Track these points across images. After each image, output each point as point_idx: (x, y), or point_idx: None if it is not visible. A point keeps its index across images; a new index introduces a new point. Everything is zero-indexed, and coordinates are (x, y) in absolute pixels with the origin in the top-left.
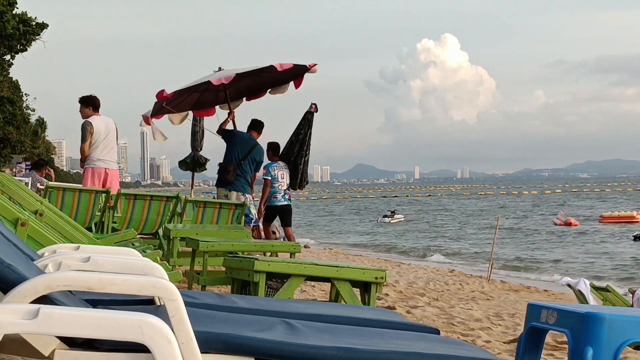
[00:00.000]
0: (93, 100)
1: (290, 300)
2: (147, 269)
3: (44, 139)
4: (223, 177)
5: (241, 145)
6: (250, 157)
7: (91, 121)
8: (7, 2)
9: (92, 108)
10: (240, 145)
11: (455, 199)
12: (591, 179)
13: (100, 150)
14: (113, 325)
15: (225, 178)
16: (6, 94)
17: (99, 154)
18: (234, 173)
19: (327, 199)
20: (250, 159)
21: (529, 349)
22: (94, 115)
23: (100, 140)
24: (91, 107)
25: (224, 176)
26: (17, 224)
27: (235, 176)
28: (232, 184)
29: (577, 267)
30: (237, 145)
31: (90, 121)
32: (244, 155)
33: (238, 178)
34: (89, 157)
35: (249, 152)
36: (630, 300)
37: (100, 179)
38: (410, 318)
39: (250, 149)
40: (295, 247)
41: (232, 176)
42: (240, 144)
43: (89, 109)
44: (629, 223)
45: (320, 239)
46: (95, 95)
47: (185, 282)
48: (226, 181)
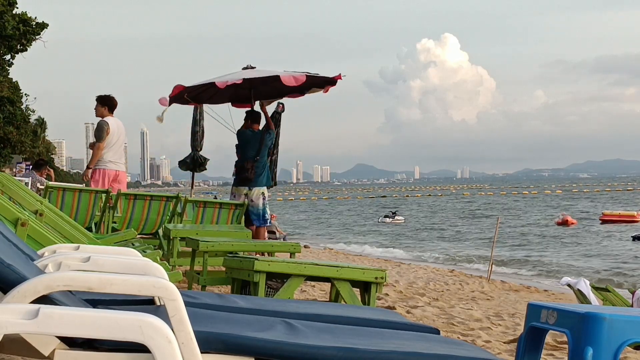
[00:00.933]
0: (111, 100)
1: (290, 300)
2: (147, 269)
3: (44, 139)
4: (243, 176)
5: (252, 143)
6: (264, 149)
7: (107, 121)
8: (7, 2)
9: (108, 109)
10: (251, 144)
11: (455, 199)
12: (591, 179)
13: (113, 152)
14: (113, 325)
15: (246, 176)
16: (6, 94)
17: (112, 155)
18: (252, 171)
19: (327, 198)
20: (264, 150)
21: (529, 349)
22: (108, 116)
23: (114, 142)
24: (107, 107)
25: (244, 175)
26: (17, 224)
27: (255, 174)
28: (253, 181)
29: (577, 267)
30: (248, 144)
31: (107, 121)
32: (256, 151)
33: (258, 175)
34: (101, 158)
35: (260, 146)
36: (630, 300)
37: (110, 180)
38: (410, 318)
39: (260, 141)
40: (295, 247)
41: (251, 173)
42: (250, 142)
43: (104, 109)
44: (629, 223)
45: (324, 238)
46: (113, 97)
47: (185, 282)
48: (247, 179)
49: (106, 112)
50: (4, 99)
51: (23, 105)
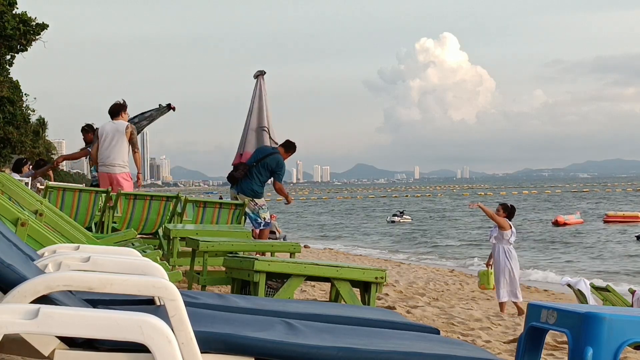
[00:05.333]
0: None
1: (290, 300)
2: (147, 269)
3: (44, 139)
4: (231, 173)
5: (259, 151)
6: (263, 163)
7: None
8: (7, 2)
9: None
10: (257, 152)
11: (455, 199)
12: (591, 179)
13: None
14: (113, 325)
15: (233, 174)
16: (6, 94)
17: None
18: (242, 172)
19: (327, 198)
20: (262, 165)
21: (529, 349)
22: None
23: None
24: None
25: (233, 172)
26: (17, 224)
27: (244, 177)
28: (238, 185)
29: (577, 267)
30: (258, 152)
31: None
32: (256, 159)
33: (245, 180)
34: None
35: (262, 158)
36: (630, 300)
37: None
38: (410, 318)
39: (265, 155)
40: (295, 247)
41: (239, 173)
42: (258, 151)
43: (127, 115)
44: (633, 223)
45: (336, 238)
46: (118, 102)
47: (185, 282)
48: (234, 178)
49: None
50: (4, 99)
51: (23, 105)
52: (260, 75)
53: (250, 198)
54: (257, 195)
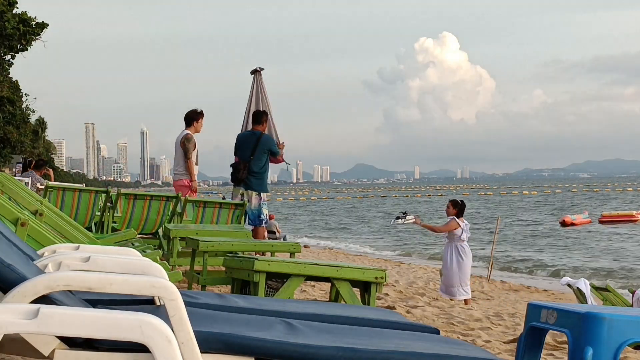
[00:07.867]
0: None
1: (290, 300)
2: (147, 268)
3: (44, 139)
4: (234, 176)
5: (247, 143)
6: (259, 150)
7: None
8: (7, 2)
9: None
10: (246, 144)
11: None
12: (591, 179)
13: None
14: (113, 325)
15: (238, 176)
16: (6, 94)
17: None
18: (244, 171)
19: (327, 198)
20: (260, 152)
21: (529, 348)
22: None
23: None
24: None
25: (236, 174)
26: (17, 224)
27: (248, 175)
28: (245, 183)
29: (578, 267)
30: (244, 145)
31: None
32: (251, 151)
33: (250, 177)
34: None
35: (255, 146)
36: (630, 300)
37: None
38: (410, 318)
39: (256, 142)
40: (295, 247)
41: (243, 173)
42: (246, 142)
43: (200, 124)
44: (628, 222)
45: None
46: (194, 110)
47: (185, 282)
48: (239, 179)
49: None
50: (4, 99)
51: (23, 105)
52: (257, 72)
53: (257, 192)
54: (264, 188)
